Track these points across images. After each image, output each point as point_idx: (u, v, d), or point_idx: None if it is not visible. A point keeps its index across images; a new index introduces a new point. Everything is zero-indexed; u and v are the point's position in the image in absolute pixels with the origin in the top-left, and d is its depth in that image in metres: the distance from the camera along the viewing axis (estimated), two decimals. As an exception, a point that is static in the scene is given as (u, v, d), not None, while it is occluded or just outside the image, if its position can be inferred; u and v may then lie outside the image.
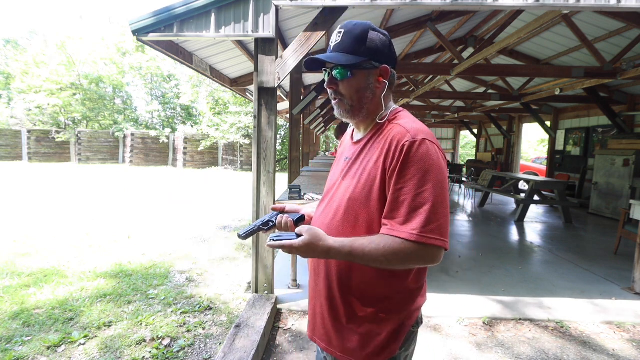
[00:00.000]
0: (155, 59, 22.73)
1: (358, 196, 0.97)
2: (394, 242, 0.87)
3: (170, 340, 2.53)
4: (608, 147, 7.52)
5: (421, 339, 2.67)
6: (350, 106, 1.01)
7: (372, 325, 0.99)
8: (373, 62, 0.98)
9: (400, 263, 0.89)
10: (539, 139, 29.09)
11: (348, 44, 0.96)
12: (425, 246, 0.87)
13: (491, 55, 6.54)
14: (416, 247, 0.86)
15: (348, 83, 0.99)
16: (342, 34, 0.97)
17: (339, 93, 1.01)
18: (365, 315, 0.99)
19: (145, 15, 2.84)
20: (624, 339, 2.76)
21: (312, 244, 0.90)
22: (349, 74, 0.97)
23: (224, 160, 19.98)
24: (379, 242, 0.89)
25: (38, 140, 19.20)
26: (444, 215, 0.89)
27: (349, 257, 0.91)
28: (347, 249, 0.90)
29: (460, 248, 5.00)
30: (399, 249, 0.87)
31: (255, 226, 1.10)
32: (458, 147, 18.40)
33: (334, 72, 0.99)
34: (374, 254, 0.88)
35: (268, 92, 2.98)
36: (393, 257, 0.87)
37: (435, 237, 0.87)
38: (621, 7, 2.68)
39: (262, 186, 3.06)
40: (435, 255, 0.89)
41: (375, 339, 0.98)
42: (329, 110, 10.45)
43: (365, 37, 0.96)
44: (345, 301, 1.00)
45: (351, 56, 0.95)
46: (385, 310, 0.98)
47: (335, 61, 0.96)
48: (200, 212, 7.17)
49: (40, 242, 4.80)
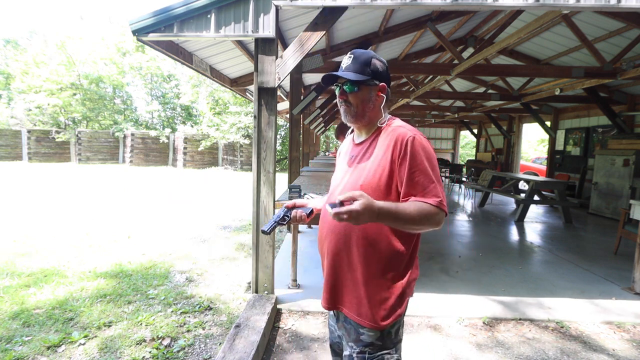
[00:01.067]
0: (155, 59, 22.72)
1: (369, 183, 1.21)
2: (425, 206, 1.13)
3: (170, 340, 2.53)
4: (608, 147, 7.52)
5: (421, 339, 2.67)
6: (355, 112, 1.28)
7: (384, 291, 1.22)
8: (375, 81, 1.26)
9: (427, 223, 1.12)
10: (539, 139, 29.09)
11: (357, 66, 1.25)
12: (440, 211, 1.14)
13: (491, 55, 6.54)
14: (437, 210, 1.13)
15: (355, 95, 1.27)
16: (352, 58, 1.26)
17: (348, 102, 1.28)
18: (379, 281, 1.22)
19: (145, 15, 2.84)
20: (624, 339, 2.76)
21: (369, 205, 1.03)
22: (355, 89, 1.26)
23: (224, 160, 19.98)
24: (415, 205, 1.12)
25: (38, 140, 19.20)
26: (443, 190, 1.19)
27: (394, 216, 1.09)
28: (394, 209, 1.08)
29: (460, 248, 5.00)
30: (429, 211, 1.12)
31: (275, 221, 1.33)
32: (458, 147, 18.39)
33: (345, 86, 1.27)
34: (413, 214, 1.10)
35: (268, 92, 2.98)
36: (424, 218, 1.11)
37: (445, 205, 1.16)
38: (621, 7, 2.69)
39: (262, 186, 3.06)
40: (442, 219, 1.16)
41: (386, 302, 1.22)
42: (329, 110, 10.46)
43: (369, 62, 1.25)
44: (363, 272, 1.23)
45: (359, 75, 1.24)
46: (393, 277, 1.23)
47: (349, 78, 1.24)
48: (200, 212, 7.17)
49: (40, 242, 4.80)
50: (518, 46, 7.24)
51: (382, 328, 1.22)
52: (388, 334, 1.25)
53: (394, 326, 1.26)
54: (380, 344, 1.24)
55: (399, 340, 1.30)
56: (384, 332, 1.24)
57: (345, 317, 1.30)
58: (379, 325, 1.22)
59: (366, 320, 1.23)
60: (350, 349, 1.28)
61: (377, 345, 1.24)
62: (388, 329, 1.25)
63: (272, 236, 3.10)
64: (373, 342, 1.24)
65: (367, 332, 1.23)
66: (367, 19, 5.08)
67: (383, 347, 1.25)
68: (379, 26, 5.43)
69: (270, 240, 3.09)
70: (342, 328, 1.32)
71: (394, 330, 1.27)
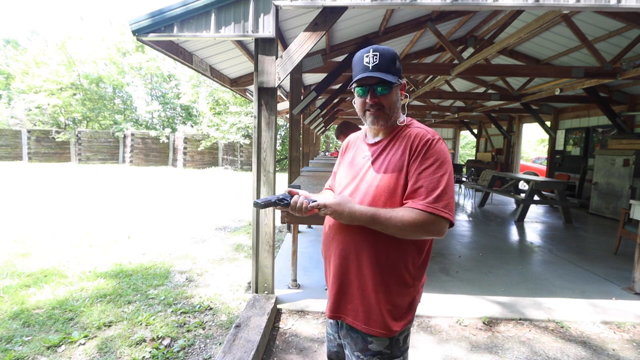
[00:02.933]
0: (155, 59, 22.72)
1: (385, 184, 1.15)
2: (411, 212, 1.06)
3: (170, 340, 2.53)
4: (608, 147, 7.52)
5: (421, 339, 2.67)
6: (387, 115, 1.20)
7: (395, 297, 1.17)
8: (399, 80, 1.19)
9: (413, 230, 1.06)
10: (539, 139, 29.09)
11: (385, 65, 1.15)
12: (436, 217, 1.06)
13: (491, 55, 6.54)
14: (428, 217, 1.05)
15: (387, 97, 1.19)
16: (377, 56, 1.15)
17: (380, 104, 1.19)
18: (390, 288, 1.16)
19: (145, 15, 2.84)
20: (623, 339, 2.76)
21: (342, 203, 1.06)
22: (387, 90, 1.18)
23: (224, 160, 19.97)
24: (399, 211, 1.07)
25: (38, 140, 19.20)
26: (452, 197, 1.10)
27: (371, 220, 1.07)
28: (372, 212, 1.07)
29: (460, 248, 5.00)
30: (415, 218, 1.05)
31: (272, 200, 1.19)
32: (458, 147, 18.39)
33: (378, 88, 1.17)
34: (393, 220, 1.05)
35: (268, 92, 2.98)
36: (408, 225, 1.05)
37: (444, 210, 1.06)
38: (621, 7, 2.68)
39: (262, 186, 3.06)
40: (443, 227, 1.08)
41: (397, 309, 1.17)
42: (329, 110, 10.46)
43: (395, 59, 1.17)
44: (374, 278, 1.16)
45: (390, 75, 1.16)
46: (405, 283, 1.17)
47: (387, 79, 1.14)
48: (200, 212, 7.16)
49: (40, 242, 4.80)
50: (518, 46, 7.23)
51: (392, 335, 1.17)
52: (396, 342, 1.20)
53: (403, 333, 1.22)
54: (389, 352, 1.19)
55: (406, 349, 1.25)
56: (393, 339, 1.19)
57: (350, 326, 1.23)
58: (390, 332, 1.16)
59: (376, 329, 1.16)
60: (356, 358, 1.21)
61: (386, 354, 1.18)
62: (397, 337, 1.19)
63: (272, 236, 3.10)
64: (381, 351, 1.18)
65: (376, 340, 1.18)
66: (367, 19, 5.08)
67: (391, 355, 1.19)
68: (379, 26, 5.43)
69: (270, 240, 3.09)
70: (347, 337, 1.25)
71: (402, 338, 1.22)
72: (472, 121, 14.71)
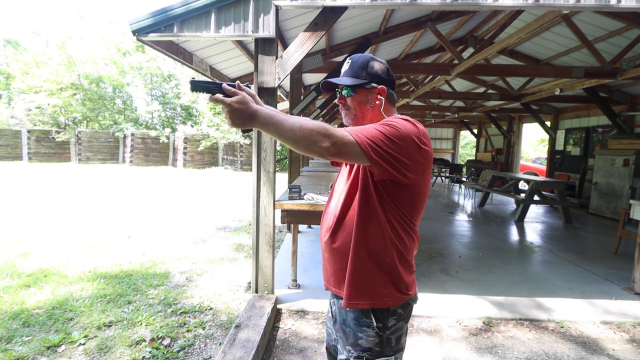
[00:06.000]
0: (155, 59, 22.70)
1: (354, 179, 1.21)
2: (315, 122, 1.02)
3: (170, 340, 2.53)
4: (608, 147, 7.52)
5: (421, 339, 2.67)
6: (354, 115, 1.28)
7: (373, 275, 1.20)
8: (372, 84, 1.24)
9: (306, 135, 0.99)
10: (539, 139, 29.08)
11: (353, 70, 1.25)
12: (340, 131, 1.03)
13: (491, 55, 6.54)
14: (330, 129, 1.02)
15: (352, 99, 1.27)
16: (349, 63, 1.27)
17: (347, 105, 1.29)
18: (370, 270, 1.19)
19: (145, 15, 2.84)
20: (623, 339, 2.76)
21: (244, 102, 0.99)
22: (352, 93, 1.25)
23: (224, 160, 19.97)
24: (302, 119, 1.03)
25: (38, 140, 19.18)
26: (376, 137, 1.05)
27: (269, 121, 1.00)
28: (272, 113, 1.02)
29: (460, 248, 5.00)
30: (314, 125, 1.00)
31: (210, 86, 1.05)
32: (458, 147, 18.40)
33: (343, 91, 1.27)
34: (290, 122, 1.00)
35: (268, 92, 2.98)
36: (306, 129, 0.99)
37: (353, 131, 1.05)
38: (621, 7, 2.69)
39: (262, 186, 3.06)
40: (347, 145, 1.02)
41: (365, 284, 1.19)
42: (329, 111, 10.46)
43: (366, 65, 1.24)
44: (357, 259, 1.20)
45: (354, 79, 1.23)
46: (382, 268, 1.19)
47: (343, 83, 1.25)
48: (200, 212, 7.16)
49: (40, 242, 4.80)
50: (518, 46, 7.24)
51: (352, 306, 1.19)
52: (388, 341, 1.21)
53: (395, 333, 1.22)
54: (379, 350, 1.21)
55: (399, 349, 1.25)
56: (383, 337, 1.20)
57: (343, 320, 1.27)
58: (348, 300, 1.19)
59: (340, 290, 1.23)
60: (347, 352, 1.24)
61: (376, 352, 1.20)
62: (387, 335, 1.21)
63: (272, 236, 3.10)
64: (371, 348, 1.20)
65: (366, 336, 1.20)
66: (367, 19, 5.08)
67: (382, 353, 1.21)
68: (379, 26, 5.43)
69: (270, 240, 3.09)
70: (339, 331, 1.29)
71: (395, 337, 1.23)
72: (472, 121, 14.72)
